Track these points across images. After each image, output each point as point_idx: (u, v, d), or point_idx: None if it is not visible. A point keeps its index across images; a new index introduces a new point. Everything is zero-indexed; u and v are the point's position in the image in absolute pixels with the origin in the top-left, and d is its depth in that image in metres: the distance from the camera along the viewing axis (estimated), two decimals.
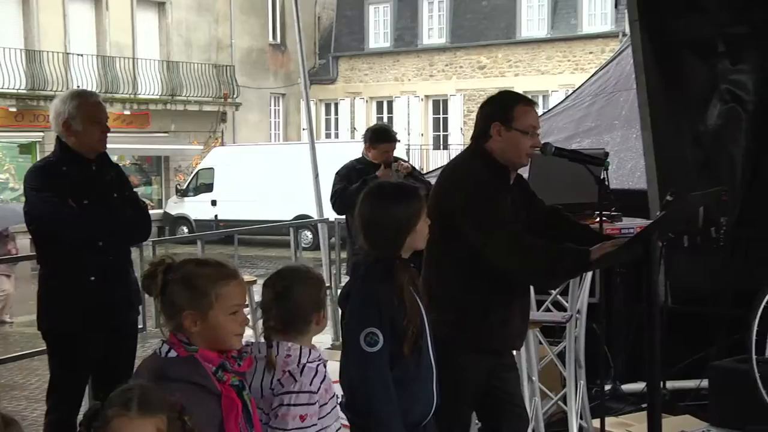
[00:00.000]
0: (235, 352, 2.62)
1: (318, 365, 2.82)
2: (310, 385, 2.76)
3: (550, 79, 29.70)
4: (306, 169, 9.85)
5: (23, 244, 20.82)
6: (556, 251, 3.50)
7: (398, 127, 27.97)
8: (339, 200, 6.76)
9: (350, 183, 6.64)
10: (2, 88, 23.21)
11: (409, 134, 30.24)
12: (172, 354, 2.54)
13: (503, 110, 3.68)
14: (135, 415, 2.14)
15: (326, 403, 2.81)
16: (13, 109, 23.81)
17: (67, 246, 4.24)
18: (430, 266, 3.65)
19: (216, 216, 22.36)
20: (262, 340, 2.87)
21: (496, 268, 3.53)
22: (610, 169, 4.07)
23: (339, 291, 7.35)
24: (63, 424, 4.26)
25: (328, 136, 33.38)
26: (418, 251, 3.27)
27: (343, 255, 8.82)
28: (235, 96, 29.80)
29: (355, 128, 32.91)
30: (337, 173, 6.91)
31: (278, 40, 32.77)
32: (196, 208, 24.30)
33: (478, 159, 3.70)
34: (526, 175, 4.19)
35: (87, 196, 4.27)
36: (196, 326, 2.53)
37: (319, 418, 2.78)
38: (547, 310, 5.38)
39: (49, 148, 5.59)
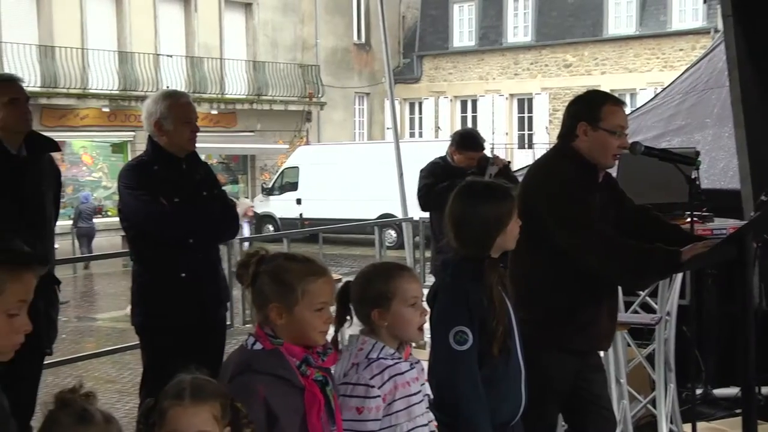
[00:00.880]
0: (319, 347, 2.65)
1: (394, 363, 2.82)
2: (371, 379, 2.75)
3: (638, 77, 29.17)
4: (390, 168, 9.89)
5: (114, 240, 21.51)
6: (646, 251, 3.44)
7: (482, 126, 27.90)
8: (426, 197, 6.70)
9: (436, 179, 6.60)
10: (96, 89, 23.86)
11: (493, 133, 30.06)
12: (258, 346, 2.58)
13: (590, 110, 3.64)
14: (188, 403, 2.19)
15: (396, 401, 2.79)
16: (106, 110, 24.45)
17: (159, 243, 4.33)
18: (517, 266, 3.62)
19: (301, 214, 22.60)
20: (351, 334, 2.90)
21: (583, 268, 3.49)
22: (701, 168, 3.99)
23: (423, 290, 7.36)
24: None
25: (412, 135, 33.40)
26: (507, 250, 3.25)
27: (427, 254, 8.82)
28: (320, 95, 30.07)
29: (439, 127, 32.87)
30: (421, 171, 6.89)
31: (363, 39, 32.94)
32: (282, 206, 24.58)
33: (564, 158, 3.66)
34: (614, 174, 4.13)
35: (178, 194, 4.35)
36: (281, 319, 2.57)
37: (386, 415, 2.77)
38: (635, 311, 5.29)
39: (140, 147, 5.74)
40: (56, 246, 4.67)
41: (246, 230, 12.91)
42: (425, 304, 2.98)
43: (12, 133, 4.00)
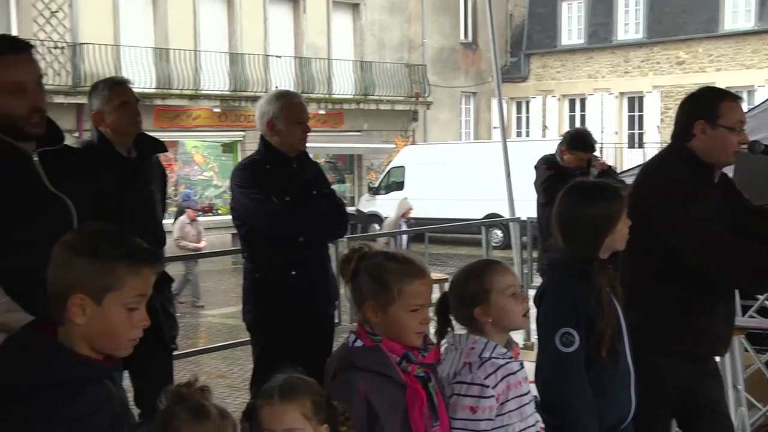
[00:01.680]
0: (420, 345, 2.65)
1: (506, 363, 2.81)
2: (485, 379, 2.75)
3: (757, 74, 28.16)
4: (497, 167, 9.82)
5: (224, 238, 21.96)
6: (764, 253, 3.33)
7: (591, 125, 27.39)
8: (551, 188, 6.31)
9: (556, 172, 6.49)
10: (207, 90, 24.44)
11: (602, 132, 29.51)
12: (359, 344, 2.60)
13: (708, 107, 3.54)
14: (277, 402, 2.25)
15: (508, 401, 2.78)
16: (217, 110, 24.98)
17: (270, 241, 4.41)
18: (628, 267, 3.55)
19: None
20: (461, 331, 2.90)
21: (697, 270, 3.40)
22: None
23: (531, 291, 7.28)
24: None
25: (519, 134, 33.10)
26: (616, 251, 3.19)
27: (535, 254, 8.73)
28: (426, 95, 30.08)
29: (546, 127, 32.47)
30: (538, 166, 6.80)
31: (469, 38, 32.81)
32: (388, 205, 24.63)
33: (679, 158, 3.57)
34: (730, 175, 4.00)
35: (289, 193, 4.42)
36: (376, 317, 2.59)
37: (498, 415, 2.76)
38: (752, 316, 5.12)
39: (250, 147, 5.79)
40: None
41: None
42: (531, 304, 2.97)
43: (122, 136, 4.09)
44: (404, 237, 13.70)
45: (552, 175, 6.53)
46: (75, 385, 1.94)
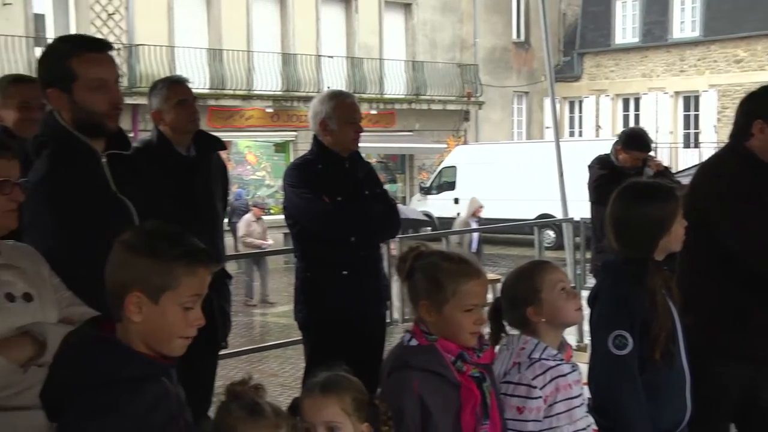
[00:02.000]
0: (474, 345, 2.64)
1: (557, 365, 2.79)
2: (533, 380, 2.74)
3: None
4: (549, 167, 9.75)
5: (276, 237, 22.11)
6: None
7: (646, 125, 26.99)
8: (601, 187, 6.29)
9: (609, 172, 6.42)
10: (260, 90, 24.62)
11: (657, 132, 29.13)
12: (414, 342, 2.61)
13: (767, 106, 3.48)
14: (318, 395, 2.29)
15: (557, 403, 2.76)
16: (270, 110, 25.15)
17: (322, 241, 4.42)
18: (684, 269, 3.50)
19: (458, 214, 22.57)
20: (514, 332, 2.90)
21: (756, 271, 3.34)
22: None
23: (584, 292, 7.22)
24: None
25: (571, 134, 32.81)
26: (672, 252, 3.15)
27: (588, 255, 8.65)
28: (478, 95, 29.97)
29: (599, 126, 32.15)
30: (591, 165, 6.74)
31: (522, 38, 32.62)
32: (439, 205, 24.64)
33: (736, 158, 3.51)
34: None
35: (341, 192, 4.43)
36: (431, 317, 2.60)
37: (547, 417, 2.75)
38: None
39: (302, 147, 5.84)
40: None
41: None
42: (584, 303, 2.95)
43: (181, 134, 4.15)
44: (475, 236, 13.59)
45: (605, 175, 6.47)
46: (132, 382, 1.96)
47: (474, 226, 14.00)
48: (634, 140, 6.56)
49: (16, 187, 2.49)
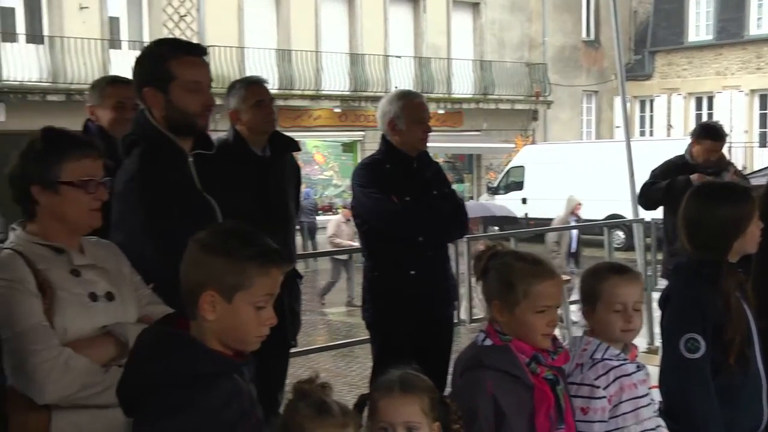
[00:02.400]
0: (548, 347, 2.62)
1: (620, 364, 2.75)
2: (595, 380, 2.72)
3: None
4: (619, 167, 9.61)
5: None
6: None
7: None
8: (643, 195, 6.49)
9: (663, 178, 6.34)
10: (328, 90, 24.78)
11: (731, 131, 28.49)
12: (488, 342, 2.60)
13: None
14: (398, 395, 2.27)
15: (622, 402, 2.73)
16: (338, 110, 25.30)
17: (390, 240, 4.44)
18: (760, 271, 3.42)
19: (526, 214, 22.44)
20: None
21: None
22: None
23: (654, 294, 7.10)
24: None
25: (642, 133, 32.30)
26: (747, 254, 3.09)
27: (659, 256, 8.51)
28: (546, 94, 29.72)
29: (671, 125, 31.58)
30: (652, 171, 6.64)
31: (592, 36, 32.23)
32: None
33: None
34: None
35: (409, 192, 4.44)
36: (502, 317, 2.58)
37: (612, 417, 2.72)
38: None
39: (369, 146, 5.84)
40: None
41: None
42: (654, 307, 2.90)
43: (257, 134, 4.21)
44: (574, 237, 13.40)
45: (647, 182, 6.47)
46: (206, 379, 1.99)
47: (573, 223, 13.74)
48: (707, 131, 6.46)
49: (101, 186, 2.55)
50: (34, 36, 20.74)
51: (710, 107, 31.38)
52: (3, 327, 2.28)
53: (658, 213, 6.88)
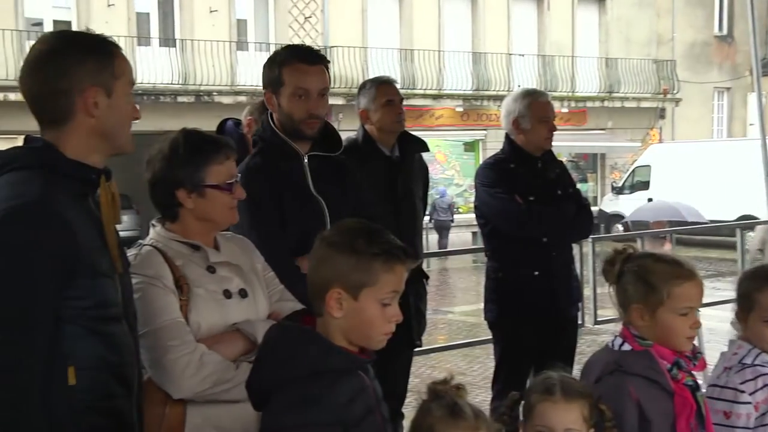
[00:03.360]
0: (688, 351, 2.54)
1: None
2: (741, 384, 2.65)
3: None
4: (752, 167, 9.26)
5: (465, 236, 22.21)
6: None
7: None
8: None
9: None
10: (450, 89, 24.76)
11: None
12: (626, 347, 2.54)
13: None
14: (559, 399, 2.22)
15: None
16: (460, 109, 25.27)
17: (513, 240, 4.40)
18: None
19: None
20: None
21: None
22: None
23: None
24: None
25: None
26: None
27: None
28: (675, 91, 28.90)
29: None
30: None
31: (724, 31, 31.15)
32: (632, 206, 23.90)
33: None
34: None
35: (533, 192, 4.40)
36: (643, 320, 2.52)
37: (760, 426, 2.64)
38: None
39: (491, 146, 5.80)
40: None
41: None
42: None
43: (386, 134, 4.25)
44: None
45: None
46: (333, 375, 2.01)
47: None
48: None
49: (237, 185, 2.62)
50: (167, 39, 21.50)
51: None
52: (141, 322, 2.35)
53: None
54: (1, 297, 1.94)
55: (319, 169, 3.28)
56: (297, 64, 3.23)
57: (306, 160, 3.27)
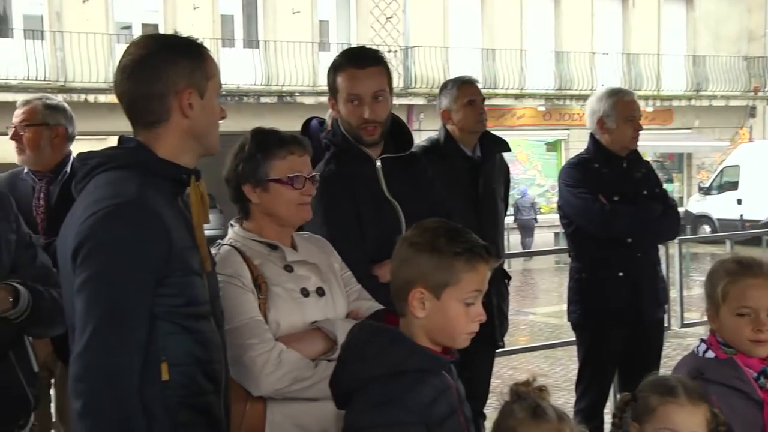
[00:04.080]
0: (764, 357, 2.48)
1: None
2: None
3: None
4: None
5: (546, 238, 22.00)
6: None
7: None
8: None
9: None
10: (532, 89, 24.55)
11: None
12: (710, 354, 2.49)
13: None
14: (685, 402, 2.17)
15: None
16: (542, 109, 25.04)
17: (597, 241, 4.35)
18: None
19: (741, 215, 21.35)
20: None
21: None
22: None
23: None
24: (591, 412, 4.38)
25: None
26: None
27: None
28: (766, 89, 28.10)
29: None
30: None
31: None
32: (720, 206, 23.38)
33: None
34: None
35: (618, 192, 4.34)
36: (714, 323, 2.51)
37: None
38: None
39: (574, 146, 5.72)
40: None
41: None
42: None
43: (468, 134, 4.24)
44: None
45: None
46: (416, 375, 2.02)
47: None
48: None
49: (309, 182, 2.64)
50: (250, 41, 21.81)
51: None
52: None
53: None
54: (102, 294, 1.99)
55: (392, 170, 3.25)
56: (348, 68, 3.16)
57: (378, 164, 3.24)
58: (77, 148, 3.52)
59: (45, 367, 3.45)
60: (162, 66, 2.13)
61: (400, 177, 3.27)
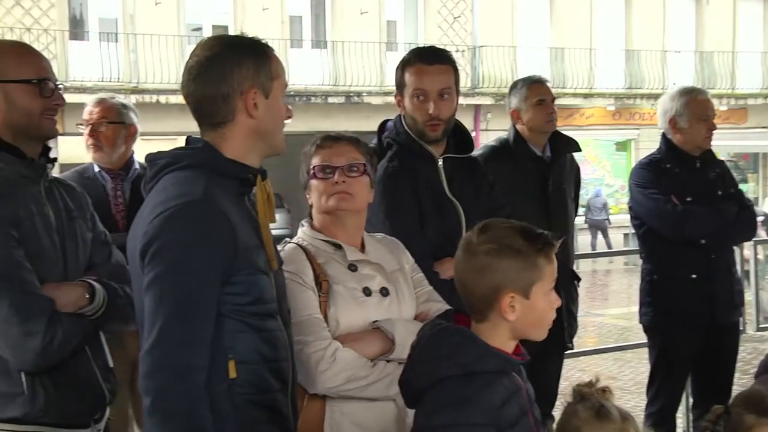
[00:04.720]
0: None
1: None
2: None
3: None
4: None
5: (616, 238, 21.72)
6: None
7: None
8: None
9: None
10: (601, 88, 24.23)
11: None
12: None
13: None
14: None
15: None
16: (611, 108, 24.70)
17: (670, 242, 4.28)
18: None
19: None
20: None
21: None
22: None
23: None
24: (662, 416, 4.31)
25: None
26: None
27: None
28: None
29: None
30: None
31: None
32: None
33: None
34: None
35: (691, 193, 4.28)
36: None
37: None
38: None
39: (644, 145, 5.65)
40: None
41: None
42: None
43: (538, 134, 4.21)
44: None
45: None
46: (488, 376, 2.01)
47: None
48: None
49: (337, 172, 2.61)
50: (318, 41, 21.95)
51: None
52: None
53: None
54: (169, 292, 2.02)
55: (453, 170, 3.27)
56: (417, 64, 3.21)
57: (441, 163, 3.26)
58: (149, 147, 3.57)
59: (131, 361, 3.50)
60: (227, 67, 2.15)
61: (462, 178, 3.29)
